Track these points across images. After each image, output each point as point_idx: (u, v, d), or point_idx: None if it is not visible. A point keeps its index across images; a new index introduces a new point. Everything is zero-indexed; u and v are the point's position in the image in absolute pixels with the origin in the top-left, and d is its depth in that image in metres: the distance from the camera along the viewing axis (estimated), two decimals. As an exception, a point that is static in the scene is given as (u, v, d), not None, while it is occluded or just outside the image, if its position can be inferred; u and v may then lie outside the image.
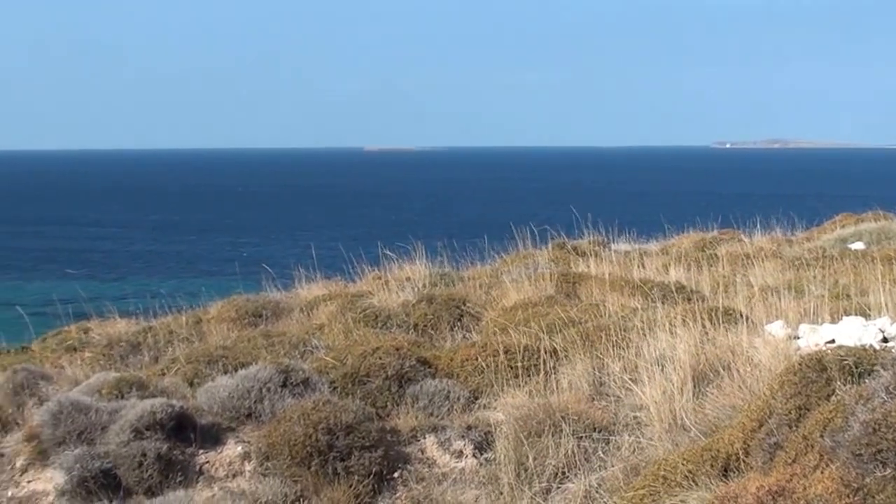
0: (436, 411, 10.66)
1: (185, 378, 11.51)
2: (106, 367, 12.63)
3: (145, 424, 9.76)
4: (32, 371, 11.87)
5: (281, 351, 12.35)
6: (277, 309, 15.26)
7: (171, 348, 13.41)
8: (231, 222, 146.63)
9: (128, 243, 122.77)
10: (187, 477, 9.68)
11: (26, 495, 9.64)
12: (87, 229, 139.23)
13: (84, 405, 10.09)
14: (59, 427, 9.91)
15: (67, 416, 9.95)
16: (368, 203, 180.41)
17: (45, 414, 10.06)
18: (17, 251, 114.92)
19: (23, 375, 11.63)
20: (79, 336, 14.66)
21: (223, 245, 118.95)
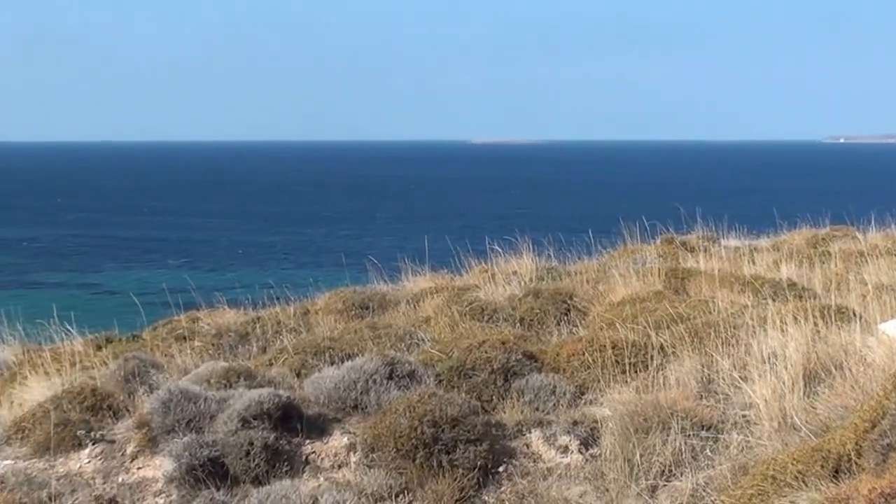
0: (541, 406, 10.61)
1: (293, 368, 11.60)
2: (215, 357, 12.77)
3: (253, 414, 9.84)
4: (143, 359, 12.04)
5: (387, 343, 12.39)
6: (384, 301, 15.32)
7: (278, 339, 13.52)
8: (337, 213, 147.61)
9: (235, 234, 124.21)
10: (293, 467, 9.75)
11: (136, 482, 9.78)
12: (195, 220, 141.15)
13: (193, 394, 10.20)
14: (169, 415, 10.03)
15: (177, 404, 10.07)
16: (475, 196, 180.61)
17: (156, 402, 10.19)
18: (129, 241, 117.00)
19: (134, 363, 11.81)
20: (188, 325, 14.84)
21: (331, 236, 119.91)
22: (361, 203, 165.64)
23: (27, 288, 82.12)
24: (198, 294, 15.99)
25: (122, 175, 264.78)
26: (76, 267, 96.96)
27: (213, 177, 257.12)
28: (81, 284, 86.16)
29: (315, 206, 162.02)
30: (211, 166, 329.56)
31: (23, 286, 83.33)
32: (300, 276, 64.74)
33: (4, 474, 9.95)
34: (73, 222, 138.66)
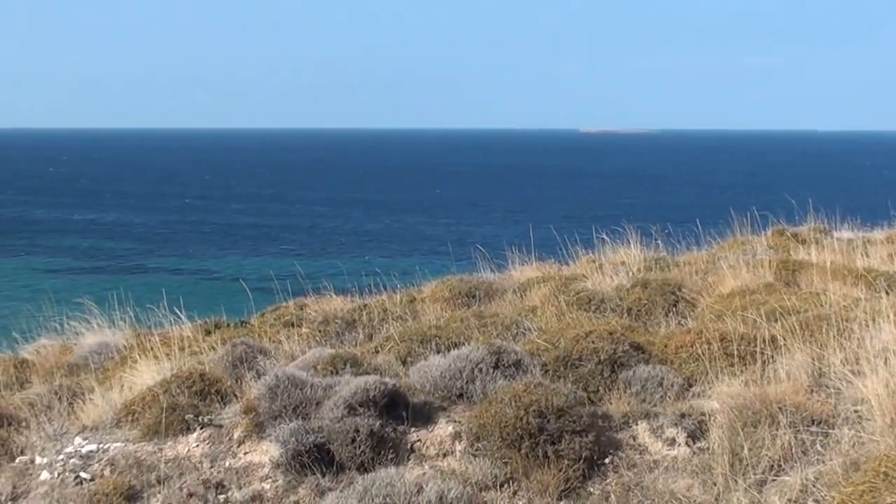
0: (648, 398, 10.51)
1: (399, 356, 11.63)
2: (321, 343, 12.86)
3: (359, 401, 9.87)
4: (251, 345, 12.16)
5: (493, 332, 12.36)
6: (490, 290, 15.30)
7: (384, 326, 13.57)
8: (442, 202, 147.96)
9: (342, 221, 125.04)
10: (398, 454, 9.76)
11: (243, 466, 9.86)
12: (301, 207, 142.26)
13: (300, 380, 10.26)
14: (276, 401, 10.10)
15: (284, 390, 10.13)
16: (582, 185, 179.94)
17: (263, 387, 10.27)
18: (237, 228, 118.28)
19: (241, 349, 11.93)
20: (296, 312, 14.96)
21: (436, 224, 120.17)
22: (467, 192, 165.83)
23: (137, 273, 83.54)
24: (305, 281, 16.11)
25: (227, 163, 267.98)
26: (185, 253, 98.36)
27: (317, 164, 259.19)
28: (190, 270, 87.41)
29: (420, 194, 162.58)
30: (316, 154, 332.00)
31: (133, 271, 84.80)
32: (406, 263, 65.04)
33: (115, 457, 10.11)
34: (182, 208, 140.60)
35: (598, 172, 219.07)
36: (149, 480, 9.72)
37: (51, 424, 11.12)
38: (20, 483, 10.05)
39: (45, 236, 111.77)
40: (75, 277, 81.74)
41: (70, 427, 11.08)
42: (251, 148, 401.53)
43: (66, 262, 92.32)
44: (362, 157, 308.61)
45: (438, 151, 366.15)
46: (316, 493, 9.35)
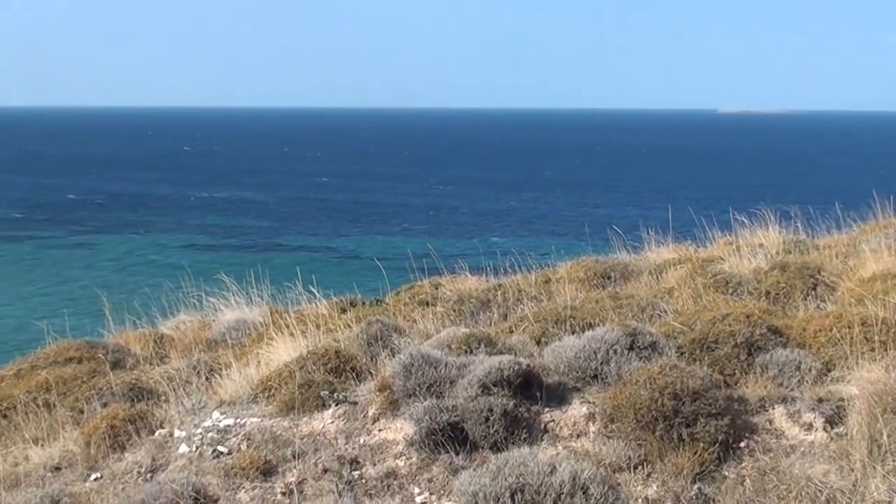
0: (785, 382, 10.34)
1: (533, 336, 11.60)
2: (456, 323, 12.88)
3: (493, 380, 9.87)
4: (385, 323, 12.23)
5: (628, 313, 12.27)
6: (626, 271, 15.19)
7: (519, 306, 13.55)
8: (577, 182, 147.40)
9: (477, 201, 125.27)
10: (532, 434, 9.75)
11: (377, 443, 9.93)
12: (436, 186, 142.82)
13: (434, 359, 10.30)
14: (410, 379, 10.15)
15: (418, 368, 10.18)
16: (720, 167, 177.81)
17: (397, 366, 10.32)
18: (372, 206, 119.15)
19: (377, 327, 12.01)
20: (430, 291, 15.00)
21: (571, 204, 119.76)
22: (604, 172, 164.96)
23: (273, 250, 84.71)
24: (440, 260, 16.16)
25: (366, 141, 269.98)
26: (319, 231, 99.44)
27: (455, 144, 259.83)
28: (324, 248, 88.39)
29: (556, 174, 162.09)
30: (454, 134, 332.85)
31: (269, 249, 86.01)
32: (541, 243, 64.96)
33: (251, 432, 10.26)
34: (317, 187, 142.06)
35: (737, 153, 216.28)
36: (284, 455, 9.84)
37: (189, 399, 11.34)
38: (159, 455, 10.25)
39: (184, 214, 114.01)
40: (213, 254, 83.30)
41: (208, 402, 11.27)
42: (387, 127, 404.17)
43: (205, 240, 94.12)
44: (498, 137, 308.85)
45: (575, 131, 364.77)
46: (449, 472, 9.39)
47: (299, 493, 9.32)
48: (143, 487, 9.54)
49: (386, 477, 9.51)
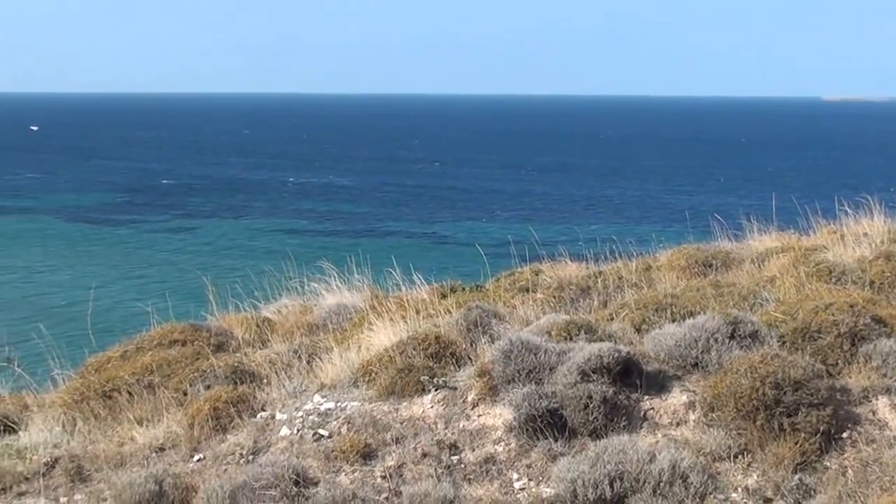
0: (889, 372, 10.20)
1: (633, 324, 11.55)
2: (556, 309, 12.86)
3: (592, 367, 9.86)
4: (485, 309, 12.25)
5: (730, 302, 12.16)
6: (727, 259, 15.05)
7: (619, 293, 13.49)
8: (678, 170, 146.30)
9: (576, 188, 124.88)
10: (631, 422, 9.73)
11: (476, 428, 9.97)
12: (537, 174, 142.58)
13: (534, 345, 10.30)
14: (510, 365, 10.17)
15: (517, 354, 10.20)
16: (822, 154, 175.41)
17: (497, 351, 10.35)
18: (474, 192, 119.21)
19: (477, 313, 12.03)
20: (531, 277, 14.98)
21: (672, 192, 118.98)
22: (704, 160, 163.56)
23: (373, 236, 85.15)
24: (540, 247, 16.13)
25: (456, 129, 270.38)
26: (419, 217, 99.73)
27: (549, 131, 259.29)
28: (424, 233, 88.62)
29: (656, 161, 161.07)
30: (548, 121, 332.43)
31: (369, 234, 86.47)
32: (643, 231, 64.59)
33: (352, 415, 10.35)
34: (418, 172, 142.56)
35: (842, 141, 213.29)
36: (384, 439, 9.92)
37: (291, 382, 11.44)
38: (261, 438, 10.38)
39: (282, 199, 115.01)
40: (312, 239, 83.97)
41: (309, 385, 11.38)
42: (481, 115, 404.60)
43: (303, 224, 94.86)
44: (596, 125, 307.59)
45: (674, 120, 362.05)
46: (548, 458, 9.40)
47: (399, 477, 9.39)
48: (244, 469, 9.67)
49: (485, 462, 9.56)
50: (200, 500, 9.23)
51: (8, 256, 77.18)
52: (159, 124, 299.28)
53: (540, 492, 9.11)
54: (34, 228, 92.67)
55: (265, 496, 8.99)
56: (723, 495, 8.85)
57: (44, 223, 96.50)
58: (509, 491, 9.23)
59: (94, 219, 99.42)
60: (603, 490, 8.71)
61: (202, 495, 9.26)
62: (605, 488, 8.71)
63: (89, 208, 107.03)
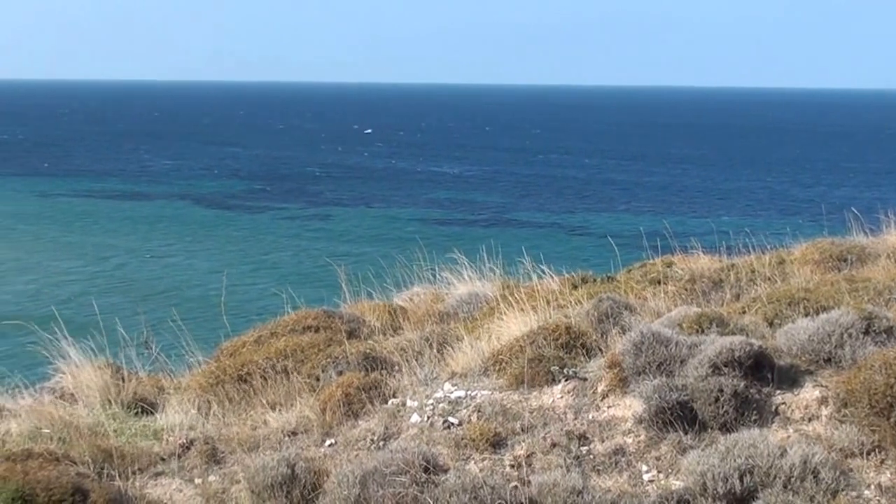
0: None
1: (765, 318, 11.45)
2: (687, 302, 12.80)
3: (724, 361, 9.80)
4: (616, 301, 12.24)
5: (864, 297, 11.99)
6: (863, 254, 14.83)
7: (752, 287, 13.37)
8: (810, 163, 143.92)
9: (709, 180, 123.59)
10: (762, 416, 9.65)
11: (605, 419, 9.97)
12: (670, 165, 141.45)
13: (664, 337, 10.28)
14: (640, 357, 10.16)
15: (648, 346, 10.18)
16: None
17: (628, 343, 10.34)
18: (604, 183, 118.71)
19: (607, 304, 12.03)
20: (662, 269, 14.92)
21: (803, 185, 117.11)
22: (834, 153, 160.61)
23: (503, 226, 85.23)
24: (671, 238, 16.06)
25: (588, 118, 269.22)
26: (549, 206, 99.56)
27: (677, 123, 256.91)
28: (554, 224, 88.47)
29: (787, 152, 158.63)
30: (675, 112, 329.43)
31: (499, 224, 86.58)
32: (774, 224, 63.70)
33: (481, 404, 10.41)
34: (544, 163, 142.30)
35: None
36: (513, 429, 9.97)
37: (422, 370, 11.55)
38: (391, 424, 10.49)
39: (415, 188, 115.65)
40: (444, 228, 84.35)
41: (440, 373, 11.48)
42: (606, 106, 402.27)
43: (435, 213, 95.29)
44: (722, 117, 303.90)
45: (793, 111, 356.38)
46: (677, 450, 9.38)
47: (528, 467, 9.43)
48: (375, 455, 9.78)
49: (614, 453, 9.56)
50: (332, 485, 9.34)
51: (144, 241, 78.98)
52: (285, 113, 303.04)
53: (669, 484, 9.09)
54: (169, 214, 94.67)
55: (395, 482, 9.08)
56: (855, 492, 8.74)
57: (179, 209, 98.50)
58: (638, 483, 9.22)
59: (228, 205, 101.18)
60: (733, 484, 8.66)
61: (333, 479, 9.38)
62: (734, 482, 8.66)
63: (223, 195, 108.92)
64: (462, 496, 8.80)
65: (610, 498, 8.91)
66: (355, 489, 9.12)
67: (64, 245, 77.24)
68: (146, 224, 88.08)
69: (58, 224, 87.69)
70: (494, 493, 8.82)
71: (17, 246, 76.06)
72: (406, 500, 8.97)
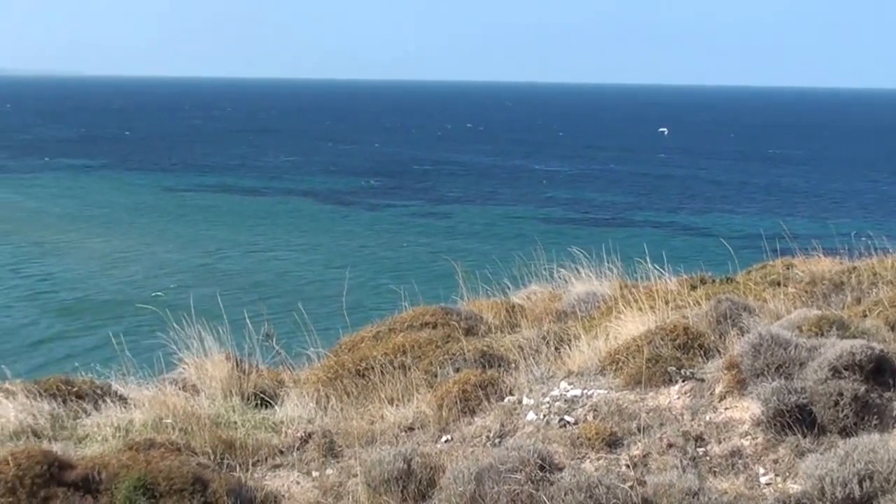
0: None
1: (887, 321, 11.29)
2: (807, 304, 12.66)
3: (844, 364, 9.70)
4: (735, 302, 12.15)
5: None
6: None
7: (874, 290, 13.19)
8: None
9: (827, 181, 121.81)
10: (882, 421, 9.53)
11: (723, 421, 9.92)
12: (784, 166, 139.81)
13: (784, 339, 10.19)
14: (759, 359, 10.08)
15: (767, 348, 10.10)
16: None
17: (746, 345, 10.26)
18: (719, 184, 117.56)
19: (726, 305, 11.95)
20: (782, 271, 14.77)
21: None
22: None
23: (620, 225, 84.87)
24: (791, 240, 15.90)
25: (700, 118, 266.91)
26: (665, 206, 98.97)
27: (788, 122, 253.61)
28: (670, 223, 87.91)
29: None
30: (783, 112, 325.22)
31: (616, 223, 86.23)
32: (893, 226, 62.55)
33: (598, 403, 10.42)
34: (659, 162, 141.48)
35: None
36: (629, 428, 9.95)
37: (538, 368, 11.58)
38: (508, 422, 10.53)
39: (531, 186, 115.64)
40: (560, 226, 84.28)
41: (556, 371, 11.49)
42: (721, 106, 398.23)
43: (551, 212, 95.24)
44: (814, 117, 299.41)
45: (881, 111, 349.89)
46: (795, 454, 9.30)
47: (643, 467, 9.42)
48: (491, 452, 9.82)
49: (731, 455, 9.50)
50: (447, 480, 9.40)
51: (266, 236, 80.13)
52: (394, 110, 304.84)
53: (786, 488, 9.02)
54: (289, 209, 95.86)
55: (510, 479, 9.12)
56: (978, 500, 8.61)
57: (298, 204, 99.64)
58: (755, 485, 9.16)
59: (346, 201, 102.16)
60: (851, 489, 8.57)
61: (449, 475, 9.43)
62: (853, 487, 8.57)
63: (341, 191, 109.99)
64: (577, 495, 8.81)
65: (726, 500, 8.86)
66: (470, 485, 9.17)
67: (186, 238, 78.75)
68: (265, 218, 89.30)
69: (178, 217, 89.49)
70: (609, 493, 8.82)
71: (138, 236, 77.70)
72: (521, 497, 9.01)
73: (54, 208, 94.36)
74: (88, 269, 65.32)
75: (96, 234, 79.07)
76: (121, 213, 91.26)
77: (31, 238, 76.63)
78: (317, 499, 9.75)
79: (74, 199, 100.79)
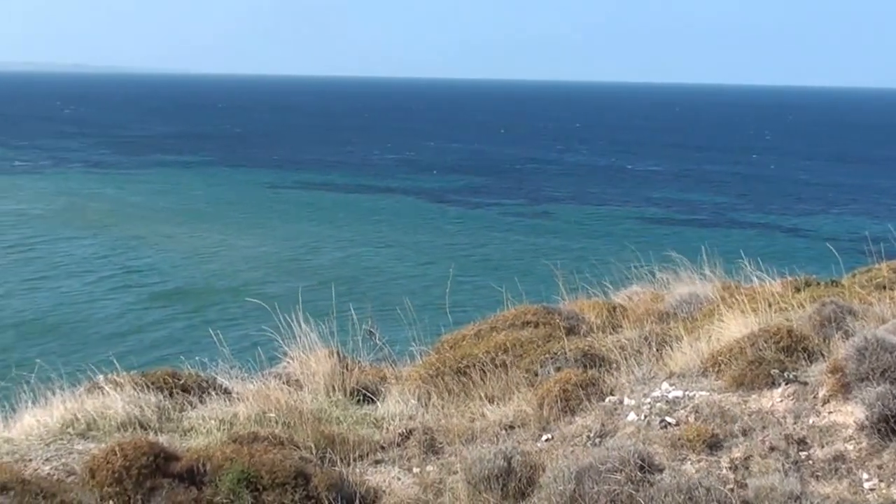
0: None
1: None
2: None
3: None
4: (840, 305, 12.03)
5: None
6: None
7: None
8: None
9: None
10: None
11: (826, 425, 9.83)
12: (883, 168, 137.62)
13: (890, 344, 10.07)
14: (863, 363, 9.97)
15: (872, 352, 9.99)
16: None
17: (851, 349, 10.16)
18: (825, 186, 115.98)
19: (831, 308, 11.83)
20: (889, 275, 14.58)
21: None
22: None
23: (721, 226, 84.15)
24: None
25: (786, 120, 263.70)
26: (766, 207, 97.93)
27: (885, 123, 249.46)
28: (773, 226, 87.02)
29: None
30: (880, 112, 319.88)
31: (717, 224, 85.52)
32: None
33: (699, 405, 10.38)
34: (753, 163, 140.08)
35: None
36: (731, 431, 9.91)
37: (639, 368, 11.56)
38: (608, 422, 10.54)
39: (629, 186, 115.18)
40: (660, 227, 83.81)
41: (657, 372, 11.47)
42: (801, 105, 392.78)
43: (651, 212, 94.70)
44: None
45: None
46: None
47: (745, 469, 9.37)
48: (591, 451, 9.83)
49: (833, 460, 9.42)
50: (547, 479, 9.43)
51: (369, 232, 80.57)
52: (484, 109, 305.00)
53: (891, 493, 8.93)
54: (391, 206, 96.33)
55: (610, 479, 9.13)
56: None
57: (399, 201, 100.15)
58: (858, 490, 9.08)
59: (447, 199, 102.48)
60: (958, 496, 8.48)
61: (549, 474, 9.46)
62: (960, 494, 8.48)
63: (443, 189, 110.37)
64: (677, 496, 8.80)
65: (828, 505, 8.81)
66: (570, 485, 9.19)
67: (288, 234, 79.43)
68: (367, 214, 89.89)
69: (279, 214, 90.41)
70: (710, 495, 8.80)
71: (242, 232, 78.60)
72: (621, 497, 9.01)
73: (159, 202, 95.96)
74: (190, 261, 66.44)
75: (201, 229, 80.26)
76: (225, 209, 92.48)
77: (130, 232, 77.96)
78: (417, 495, 9.83)
79: (178, 196, 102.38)
